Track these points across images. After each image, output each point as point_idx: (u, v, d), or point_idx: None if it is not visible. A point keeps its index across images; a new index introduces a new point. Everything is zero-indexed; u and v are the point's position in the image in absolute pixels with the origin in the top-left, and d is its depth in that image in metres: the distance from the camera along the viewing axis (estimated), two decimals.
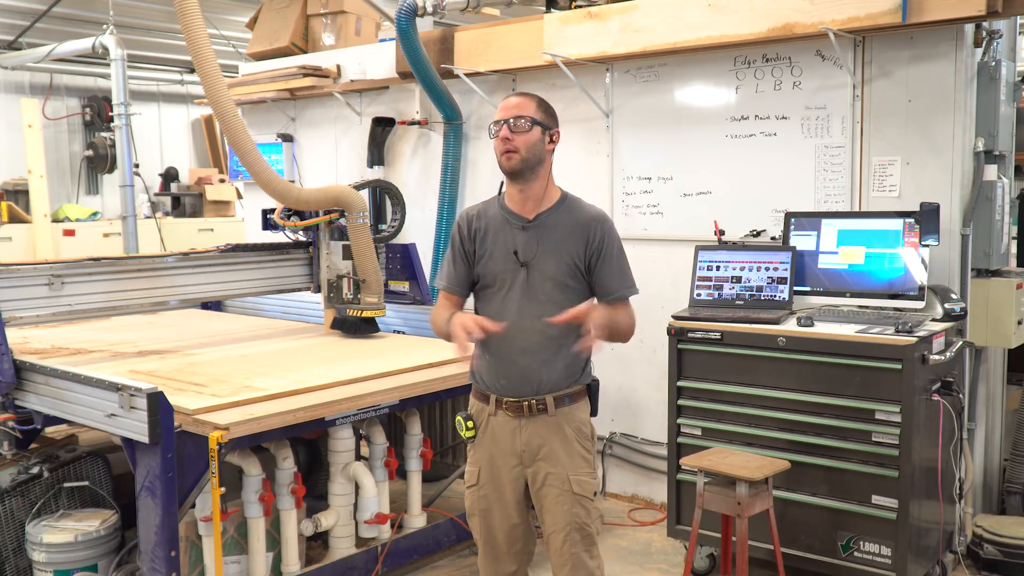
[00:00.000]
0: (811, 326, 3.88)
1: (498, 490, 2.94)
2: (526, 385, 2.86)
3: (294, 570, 3.79)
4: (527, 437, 2.88)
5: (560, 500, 2.87)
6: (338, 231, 5.08)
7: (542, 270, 2.85)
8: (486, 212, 2.95)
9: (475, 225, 2.93)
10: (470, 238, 2.93)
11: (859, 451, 3.75)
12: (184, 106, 10.66)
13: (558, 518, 2.88)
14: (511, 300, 2.86)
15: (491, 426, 2.93)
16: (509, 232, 2.88)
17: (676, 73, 4.98)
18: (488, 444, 2.94)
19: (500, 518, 2.96)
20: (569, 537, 2.88)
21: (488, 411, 2.93)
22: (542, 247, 2.85)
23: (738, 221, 4.72)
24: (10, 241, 8.15)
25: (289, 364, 4.16)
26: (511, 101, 2.85)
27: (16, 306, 4.08)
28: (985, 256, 4.30)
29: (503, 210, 2.91)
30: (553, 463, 2.87)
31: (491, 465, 2.94)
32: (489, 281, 2.90)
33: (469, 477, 3.01)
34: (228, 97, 4.35)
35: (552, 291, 2.85)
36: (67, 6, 8.35)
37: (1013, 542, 4.10)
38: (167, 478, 3.22)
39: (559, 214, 2.89)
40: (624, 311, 2.89)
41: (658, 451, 5.02)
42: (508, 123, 2.80)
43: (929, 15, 3.90)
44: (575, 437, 2.90)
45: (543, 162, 2.86)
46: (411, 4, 5.38)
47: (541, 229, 2.87)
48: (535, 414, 2.87)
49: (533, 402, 2.86)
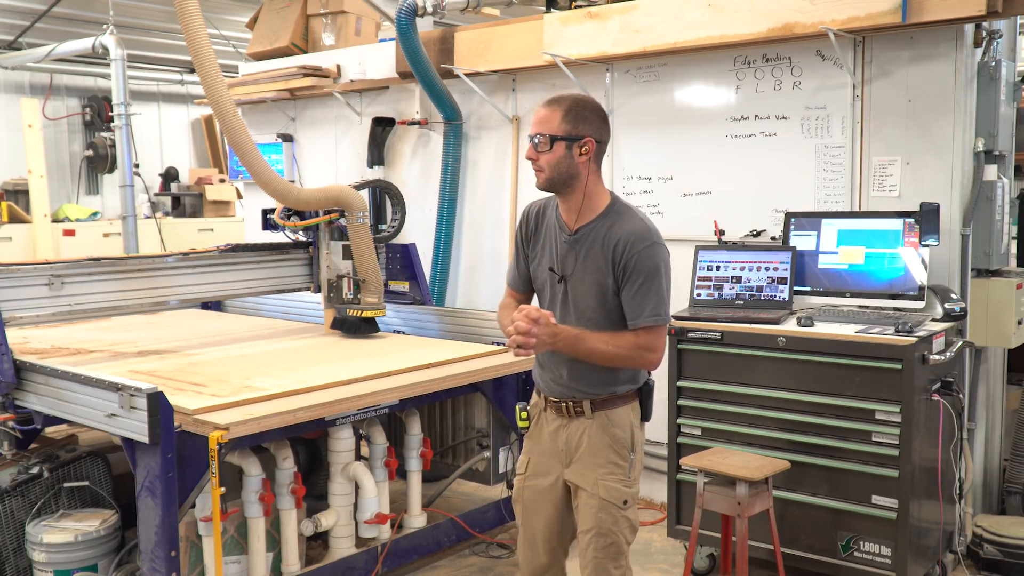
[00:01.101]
0: (811, 326, 3.88)
1: (540, 483, 2.97)
2: (566, 389, 2.88)
3: (294, 570, 3.79)
4: (566, 437, 2.90)
5: (588, 503, 2.86)
6: (338, 231, 5.08)
7: (579, 287, 2.81)
8: (545, 212, 2.92)
9: (531, 225, 2.95)
10: (526, 238, 2.96)
11: (859, 451, 3.75)
12: (184, 106, 10.67)
13: (585, 521, 2.87)
14: (553, 309, 2.83)
15: (541, 421, 2.98)
16: (555, 242, 2.85)
17: (676, 73, 4.98)
18: (536, 437, 3.00)
19: (538, 510, 2.98)
20: (592, 542, 2.85)
21: (540, 406, 2.98)
22: (579, 264, 2.79)
23: (738, 221, 4.72)
24: (10, 241, 8.15)
25: (289, 364, 4.16)
26: (538, 114, 2.76)
27: (16, 306, 4.08)
28: (985, 256, 4.30)
29: (556, 215, 2.87)
30: (584, 465, 2.86)
31: (538, 458, 2.99)
32: (539, 285, 2.94)
33: (520, 465, 3.05)
34: (228, 97, 4.35)
35: (588, 306, 2.80)
36: (67, 6, 8.35)
37: (1013, 542, 4.10)
38: (167, 478, 3.22)
39: (599, 228, 2.78)
40: (639, 338, 2.73)
41: (658, 451, 5.01)
42: (532, 141, 2.75)
43: (929, 15, 3.90)
44: (610, 443, 2.85)
45: (576, 176, 2.74)
46: (411, 4, 5.38)
47: (581, 244, 2.79)
48: (574, 416, 2.88)
49: (571, 404, 2.88)
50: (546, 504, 2.97)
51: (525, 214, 2.97)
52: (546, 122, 2.72)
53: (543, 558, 3.01)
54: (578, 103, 2.75)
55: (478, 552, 4.49)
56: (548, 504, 2.97)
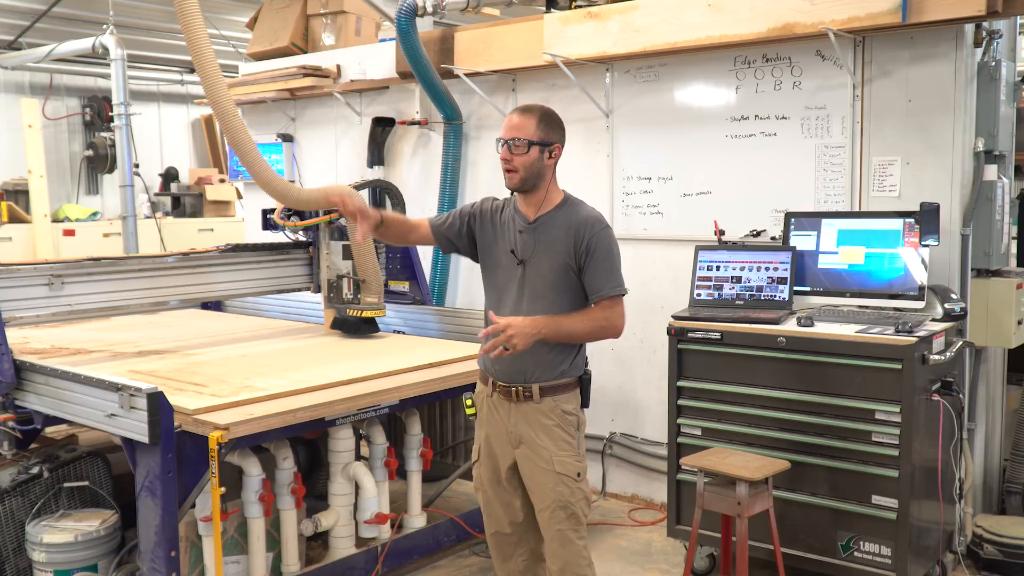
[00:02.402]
0: (811, 326, 3.88)
1: (494, 466, 3.18)
2: (517, 374, 3.06)
3: (294, 570, 3.79)
4: (515, 420, 3.09)
5: (544, 479, 3.06)
6: (338, 231, 5.08)
7: (537, 269, 3.05)
8: (503, 209, 3.18)
9: (490, 210, 3.18)
10: (480, 215, 3.18)
11: (859, 451, 3.75)
12: (184, 106, 10.67)
13: (543, 496, 3.07)
14: (508, 294, 3.09)
15: (488, 407, 3.17)
16: (513, 231, 3.11)
17: (676, 73, 4.98)
18: (485, 424, 3.19)
19: (497, 492, 3.20)
20: (554, 515, 3.06)
21: (486, 392, 3.17)
22: (538, 247, 3.05)
23: (738, 221, 4.72)
24: (10, 241, 8.15)
25: (289, 364, 4.16)
26: (512, 120, 3.03)
27: (16, 306, 4.08)
28: (985, 256, 4.30)
29: (513, 209, 3.14)
30: (535, 445, 3.06)
31: (487, 443, 3.19)
32: (490, 273, 3.16)
33: (473, 453, 3.28)
34: (228, 97, 4.35)
35: (546, 289, 3.04)
36: (67, 6, 8.35)
37: (1013, 542, 4.10)
38: (167, 478, 3.22)
39: (557, 216, 3.07)
40: (605, 310, 3.04)
41: (658, 451, 5.02)
42: (508, 144, 3.01)
43: (929, 15, 3.90)
44: (558, 423, 3.07)
45: (543, 176, 3.05)
46: (411, 4, 5.38)
47: (539, 230, 3.07)
48: (522, 400, 3.06)
49: (520, 389, 3.06)
50: (501, 484, 3.17)
51: (487, 201, 3.22)
52: (522, 128, 3.00)
53: (512, 536, 3.23)
54: (548, 113, 3.06)
55: (478, 552, 4.49)
56: (503, 484, 3.17)
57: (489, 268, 3.18)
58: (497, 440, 3.16)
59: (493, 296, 3.15)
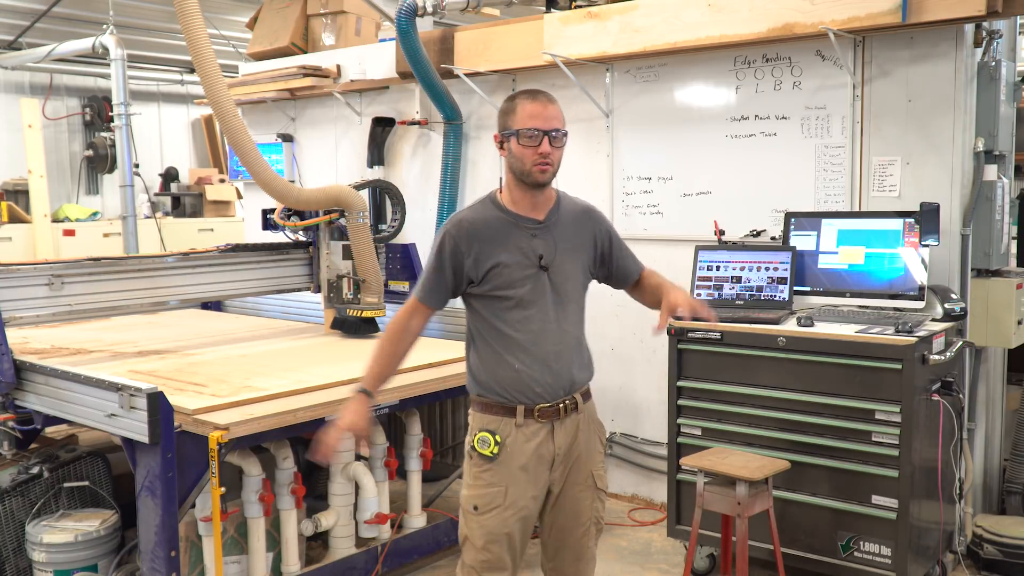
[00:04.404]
0: (811, 326, 3.88)
1: (526, 505, 2.77)
2: (560, 388, 2.77)
3: (294, 570, 3.79)
4: (560, 439, 2.77)
5: (585, 496, 2.85)
6: (338, 231, 5.08)
7: (562, 270, 2.77)
8: (484, 220, 2.74)
9: (473, 234, 2.72)
10: (466, 250, 2.72)
11: (859, 451, 3.75)
12: (184, 106, 10.66)
13: (579, 515, 2.85)
14: (540, 307, 2.74)
15: (516, 439, 2.74)
16: (520, 237, 2.73)
17: (676, 73, 4.98)
18: (511, 458, 2.75)
19: (523, 534, 2.81)
20: (588, 532, 2.87)
21: (514, 423, 2.75)
22: (559, 247, 2.77)
23: (738, 221, 4.72)
24: (10, 241, 8.14)
25: (289, 364, 4.16)
26: (550, 110, 2.67)
27: (16, 306, 4.08)
28: (985, 256, 4.30)
29: (508, 215, 2.75)
30: (581, 460, 2.83)
31: (516, 480, 2.74)
32: (506, 292, 2.72)
33: (492, 498, 2.74)
34: (228, 97, 4.35)
35: (574, 291, 2.82)
36: (67, 6, 8.35)
37: (1013, 542, 4.10)
38: (167, 478, 3.22)
39: (564, 212, 2.83)
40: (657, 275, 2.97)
41: (658, 451, 5.02)
42: (549, 136, 2.65)
43: (929, 15, 3.90)
44: (596, 431, 2.90)
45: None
46: (411, 4, 5.38)
47: (554, 229, 2.78)
48: (568, 415, 2.78)
49: (568, 402, 2.78)
50: (528, 523, 2.81)
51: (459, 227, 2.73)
52: (559, 118, 2.69)
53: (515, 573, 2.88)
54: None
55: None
56: (530, 522, 2.81)
57: (501, 288, 2.72)
58: (530, 473, 2.74)
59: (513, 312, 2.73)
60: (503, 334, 2.75)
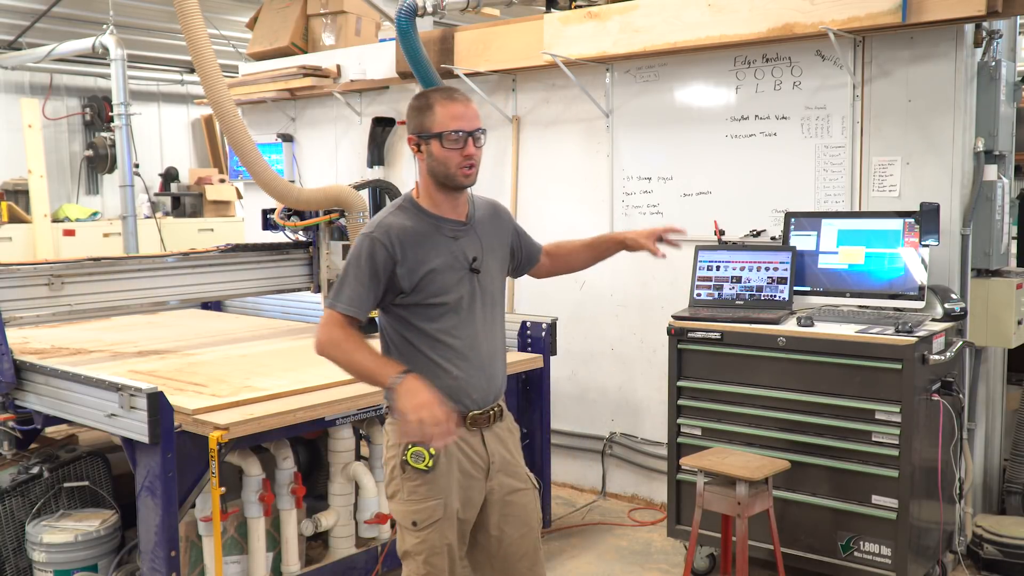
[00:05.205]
0: (811, 326, 3.88)
1: (465, 517, 2.69)
2: (491, 394, 2.71)
3: (294, 570, 3.79)
4: (492, 445, 2.71)
5: (525, 500, 2.77)
6: (338, 231, 5.08)
7: (489, 271, 2.72)
8: (412, 225, 2.61)
9: (405, 241, 2.57)
10: (400, 258, 2.57)
11: (859, 451, 3.75)
12: (184, 106, 10.67)
13: (525, 519, 2.77)
14: (471, 310, 2.65)
15: (450, 450, 2.62)
16: (447, 241, 2.63)
17: (676, 73, 4.98)
18: (448, 470, 2.63)
19: (462, 545, 2.72)
20: (534, 533, 2.80)
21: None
22: (485, 247, 2.71)
23: (738, 221, 4.72)
24: (10, 241, 8.15)
25: (289, 364, 4.16)
26: (472, 109, 2.58)
27: (16, 306, 4.07)
28: (985, 256, 4.30)
29: (432, 218, 2.64)
30: (515, 465, 2.78)
31: (453, 492, 2.64)
32: (441, 299, 2.60)
33: (432, 512, 2.60)
34: (228, 97, 4.35)
35: (496, 288, 2.77)
36: (67, 6, 8.35)
37: (1013, 542, 4.10)
38: (167, 478, 3.22)
39: (479, 210, 2.75)
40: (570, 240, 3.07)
41: (658, 451, 5.02)
42: (473, 137, 2.56)
43: (929, 15, 3.90)
44: (517, 432, 2.85)
45: None
46: (411, 4, 5.38)
47: (477, 229, 2.71)
48: (495, 421, 2.73)
49: (495, 409, 2.73)
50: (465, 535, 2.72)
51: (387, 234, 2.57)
52: (479, 116, 2.61)
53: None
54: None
55: None
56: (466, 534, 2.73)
57: (436, 295, 2.59)
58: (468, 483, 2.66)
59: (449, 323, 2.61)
60: (439, 342, 2.62)
